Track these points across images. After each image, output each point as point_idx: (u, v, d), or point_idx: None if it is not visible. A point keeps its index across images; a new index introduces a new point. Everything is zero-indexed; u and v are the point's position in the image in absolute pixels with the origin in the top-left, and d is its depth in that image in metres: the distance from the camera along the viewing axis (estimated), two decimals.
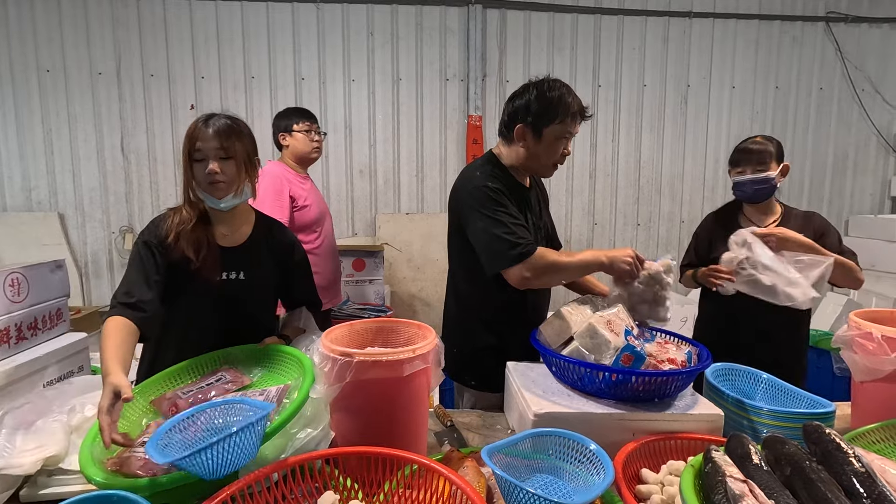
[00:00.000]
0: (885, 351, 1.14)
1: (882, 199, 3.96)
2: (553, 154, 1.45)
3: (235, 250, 1.34)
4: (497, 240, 1.36)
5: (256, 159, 1.33)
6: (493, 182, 1.42)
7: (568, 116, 1.40)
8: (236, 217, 1.34)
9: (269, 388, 1.09)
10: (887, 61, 3.81)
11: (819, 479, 0.69)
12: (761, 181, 1.74)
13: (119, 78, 3.32)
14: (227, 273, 1.31)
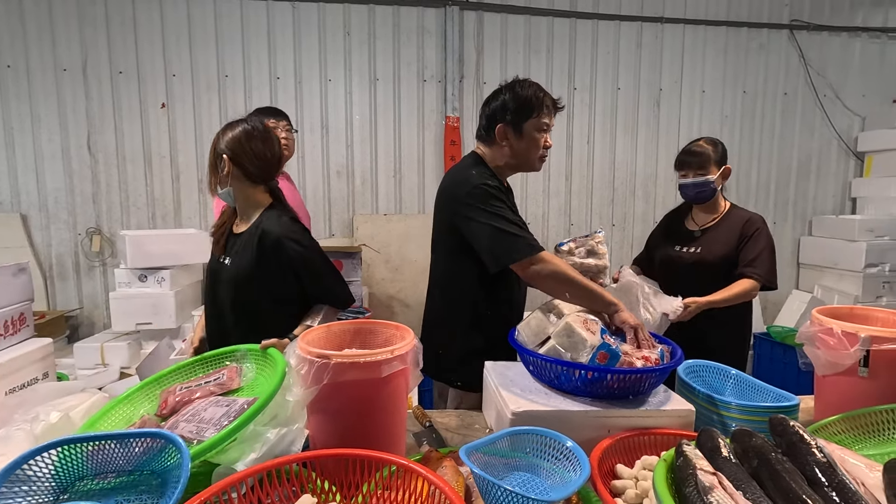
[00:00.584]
0: (844, 346, 1.19)
1: (843, 200, 4.13)
2: (536, 147, 1.52)
3: (235, 237, 1.49)
4: (505, 234, 1.40)
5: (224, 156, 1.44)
6: (491, 181, 1.47)
7: (543, 109, 1.48)
8: (244, 208, 1.50)
9: (240, 398, 1.07)
10: (847, 68, 3.97)
11: (784, 469, 0.72)
12: (701, 185, 1.87)
13: (85, 75, 3.21)
14: (224, 257, 1.48)
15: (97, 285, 3.40)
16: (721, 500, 0.66)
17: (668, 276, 1.97)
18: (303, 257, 1.44)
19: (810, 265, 4.01)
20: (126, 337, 2.93)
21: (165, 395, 1.15)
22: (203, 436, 0.92)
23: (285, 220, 1.46)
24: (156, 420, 1.08)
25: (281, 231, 1.42)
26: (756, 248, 1.83)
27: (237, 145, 1.43)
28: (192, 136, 3.36)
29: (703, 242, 1.93)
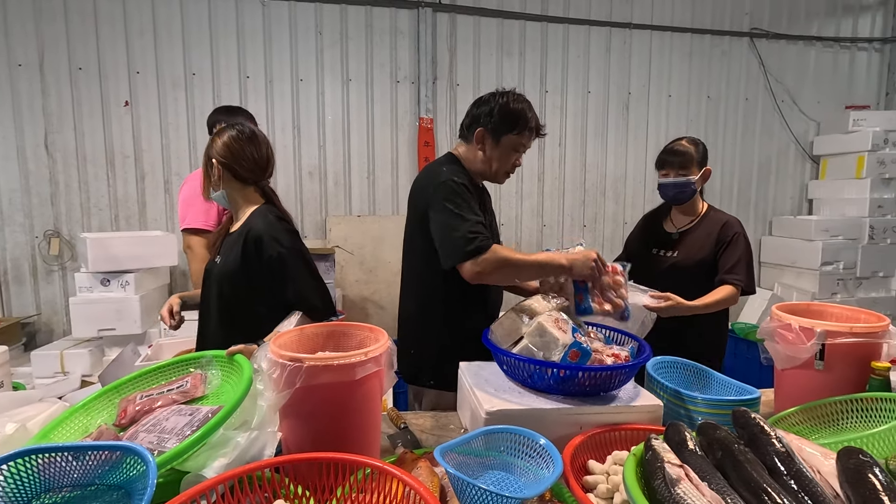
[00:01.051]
0: (802, 340, 1.25)
1: (800, 201, 4.32)
2: (506, 162, 1.55)
3: (228, 237, 1.53)
4: (454, 234, 1.41)
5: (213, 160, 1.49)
6: (458, 178, 1.48)
7: (526, 130, 1.52)
8: (237, 209, 1.54)
9: (204, 406, 1.04)
10: (803, 75, 4.16)
11: (746, 460, 0.75)
12: (682, 185, 1.85)
13: (42, 70, 3.08)
14: (217, 257, 1.52)
15: (56, 290, 3.25)
16: (687, 492, 0.69)
17: (647, 280, 1.95)
18: (281, 257, 1.41)
19: (771, 264, 4.18)
20: (87, 344, 2.82)
21: (124, 403, 1.10)
22: (164, 447, 0.89)
23: (271, 219, 1.46)
24: (114, 431, 1.04)
25: (264, 229, 1.42)
26: (735, 254, 1.82)
27: (226, 149, 1.48)
28: (158, 135, 3.26)
29: (680, 246, 1.91)
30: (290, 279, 1.44)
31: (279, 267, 1.42)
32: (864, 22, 4.23)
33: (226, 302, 1.46)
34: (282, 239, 1.43)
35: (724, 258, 1.83)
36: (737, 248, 1.83)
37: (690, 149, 1.84)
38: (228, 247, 1.49)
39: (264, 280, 1.43)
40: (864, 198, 3.85)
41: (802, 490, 0.71)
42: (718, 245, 1.85)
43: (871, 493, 0.66)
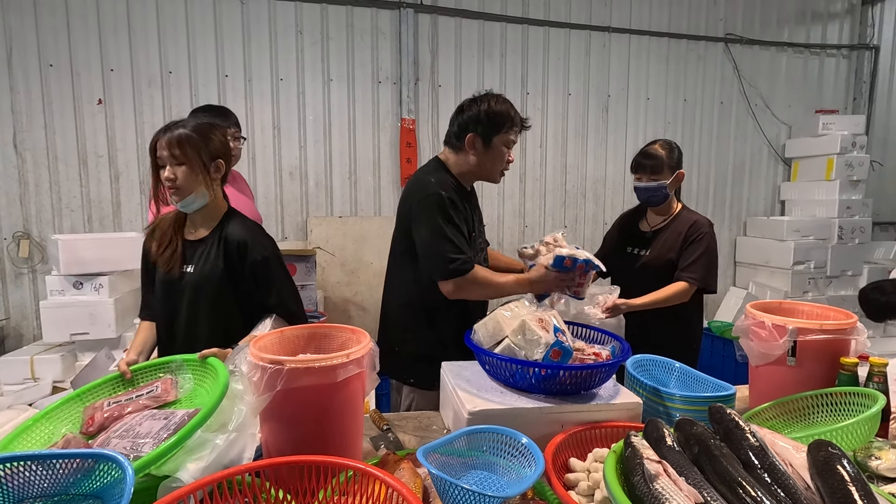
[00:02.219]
0: (774, 337, 1.28)
1: (773, 202, 4.44)
2: (500, 161, 1.60)
3: (194, 244, 1.44)
4: (438, 251, 1.49)
5: (218, 163, 1.43)
6: (446, 191, 1.52)
7: (513, 126, 1.58)
8: (205, 214, 1.45)
9: (179, 410, 1.02)
10: (775, 80, 4.28)
11: (721, 454, 0.77)
12: (654, 189, 1.90)
13: (10, 67, 2.97)
14: (186, 266, 1.43)
15: (25, 293, 3.15)
16: (665, 487, 0.70)
17: (620, 277, 2.02)
18: (270, 263, 1.44)
19: (745, 263, 4.29)
20: (59, 349, 2.73)
21: (90, 411, 1.07)
22: (140, 451, 0.87)
23: (251, 224, 1.48)
24: (81, 439, 1.01)
25: (247, 234, 1.43)
26: (695, 251, 1.87)
27: (225, 148, 1.45)
28: (133, 134, 3.18)
29: (652, 245, 1.97)
30: (273, 284, 1.45)
31: (264, 271, 1.43)
32: (832, 29, 4.37)
33: (202, 310, 1.42)
34: (265, 244, 1.46)
35: (684, 255, 1.89)
36: (699, 246, 1.88)
37: (662, 154, 1.88)
38: (203, 254, 1.42)
39: (248, 285, 1.43)
40: (833, 199, 3.98)
41: (775, 483, 0.73)
42: (684, 243, 1.90)
43: (839, 483, 0.69)
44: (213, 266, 1.40)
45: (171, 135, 1.37)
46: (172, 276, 1.42)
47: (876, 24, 4.37)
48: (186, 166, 1.36)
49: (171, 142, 1.36)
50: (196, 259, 1.42)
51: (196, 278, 1.41)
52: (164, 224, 1.47)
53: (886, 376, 1.17)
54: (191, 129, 1.39)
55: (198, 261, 1.42)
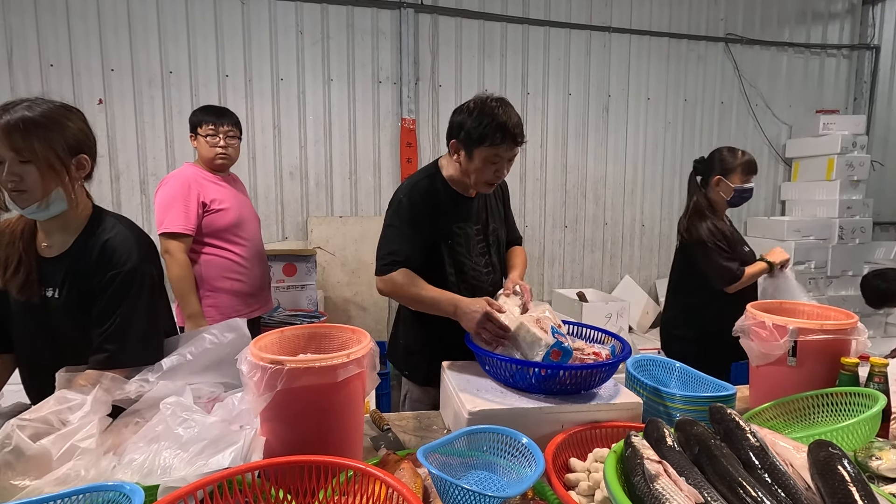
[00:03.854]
0: (775, 337, 1.28)
1: (773, 202, 4.44)
2: (483, 174, 1.45)
3: (53, 262, 1.14)
4: (379, 249, 1.50)
5: (81, 158, 1.12)
6: (412, 195, 1.48)
7: (499, 141, 1.39)
8: (63, 222, 1.14)
9: None
10: (775, 80, 4.28)
11: (721, 454, 0.77)
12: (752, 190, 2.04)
13: (10, 66, 2.98)
14: (45, 289, 1.13)
15: None
16: (666, 487, 0.70)
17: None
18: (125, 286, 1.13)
19: None
20: None
21: None
22: None
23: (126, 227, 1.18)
24: None
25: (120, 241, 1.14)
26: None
27: (86, 136, 1.13)
28: (134, 134, 3.19)
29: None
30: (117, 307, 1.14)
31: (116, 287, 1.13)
32: (833, 29, 4.37)
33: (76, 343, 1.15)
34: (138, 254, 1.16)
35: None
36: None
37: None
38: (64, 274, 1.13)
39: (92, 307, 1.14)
40: (833, 199, 3.98)
41: (776, 483, 0.73)
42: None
43: (839, 483, 0.69)
44: (79, 289, 1.12)
45: (9, 119, 1.02)
46: (32, 301, 1.13)
47: (876, 24, 4.37)
48: (34, 164, 1.04)
49: (9, 129, 1.02)
50: (59, 280, 1.13)
51: (62, 305, 1.12)
52: (8, 239, 1.14)
53: (887, 376, 1.17)
54: (38, 113, 1.05)
55: (61, 283, 1.13)
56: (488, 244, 1.61)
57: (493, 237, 1.63)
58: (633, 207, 4.13)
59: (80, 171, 1.13)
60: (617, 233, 4.12)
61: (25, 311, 1.15)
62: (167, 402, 0.99)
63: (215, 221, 2.07)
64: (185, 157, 3.17)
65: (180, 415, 0.96)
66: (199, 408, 1.01)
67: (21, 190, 1.05)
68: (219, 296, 2.08)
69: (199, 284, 2.06)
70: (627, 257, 4.18)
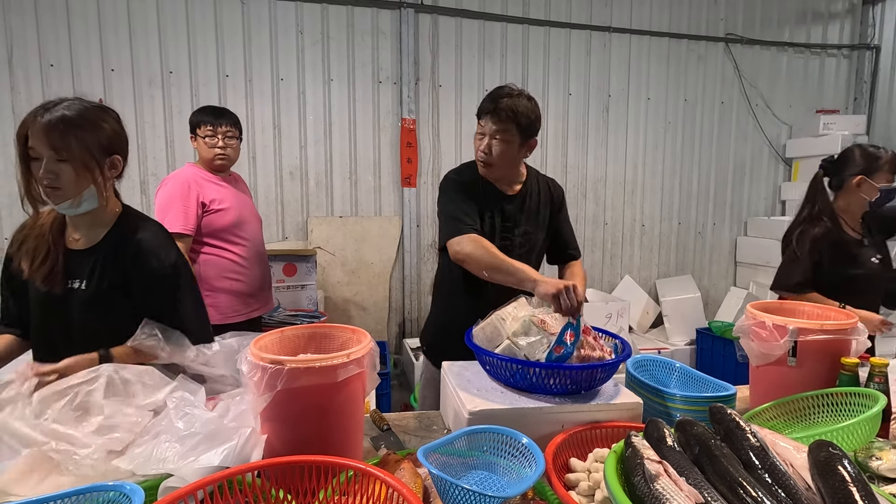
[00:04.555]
0: (775, 337, 1.28)
1: (774, 202, 4.44)
2: (475, 146, 1.61)
3: (81, 255, 1.20)
4: (446, 217, 1.57)
5: (115, 158, 1.18)
6: (457, 175, 1.65)
7: (482, 112, 1.56)
8: (93, 218, 1.21)
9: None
10: (775, 80, 4.28)
11: (722, 455, 0.77)
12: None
13: (11, 67, 2.98)
14: (71, 281, 1.19)
15: None
16: (666, 487, 0.70)
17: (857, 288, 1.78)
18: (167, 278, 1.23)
19: (746, 263, 4.29)
20: None
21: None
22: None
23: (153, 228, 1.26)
24: None
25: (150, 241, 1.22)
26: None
27: (119, 137, 1.20)
28: (134, 134, 3.18)
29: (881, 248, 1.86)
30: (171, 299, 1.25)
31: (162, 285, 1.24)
32: (833, 29, 4.37)
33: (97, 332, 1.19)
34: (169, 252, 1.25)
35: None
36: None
37: None
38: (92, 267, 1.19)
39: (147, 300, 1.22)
40: None
41: (776, 483, 0.73)
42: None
43: (840, 484, 0.69)
44: (110, 281, 1.18)
45: (50, 119, 1.07)
46: (54, 293, 1.18)
47: (877, 24, 4.37)
48: (69, 163, 1.10)
49: (49, 128, 1.07)
50: (86, 272, 1.18)
51: (88, 296, 1.18)
52: (38, 232, 1.20)
53: (887, 376, 1.17)
54: (76, 114, 1.11)
55: (89, 275, 1.18)
56: (514, 244, 1.62)
57: (521, 238, 1.64)
58: (634, 207, 4.13)
59: (113, 171, 1.19)
60: (617, 233, 4.13)
61: (46, 302, 1.19)
62: (174, 397, 0.99)
63: (214, 221, 2.07)
64: (186, 158, 3.17)
65: (183, 409, 0.96)
66: (202, 405, 1.02)
67: (56, 187, 1.10)
68: (218, 296, 2.08)
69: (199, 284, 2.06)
70: (627, 257, 4.18)
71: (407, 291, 3.69)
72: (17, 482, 0.87)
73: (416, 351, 3.30)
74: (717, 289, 4.36)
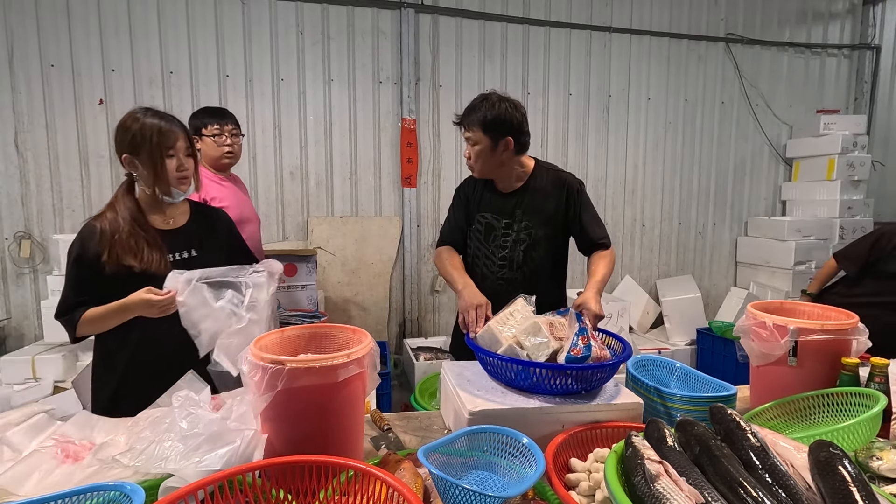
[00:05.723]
0: (775, 337, 1.28)
1: (774, 202, 4.43)
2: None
3: (181, 231, 1.47)
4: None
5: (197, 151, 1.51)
6: (460, 186, 1.83)
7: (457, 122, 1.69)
8: (177, 204, 1.48)
9: None
10: (776, 80, 4.28)
11: (722, 455, 0.77)
12: None
13: (12, 67, 2.98)
14: (178, 253, 1.43)
15: (27, 293, 3.16)
16: (666, 487, 0.70)
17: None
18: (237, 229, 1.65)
19: (746, 263, 4.28)
20: (60, 349, 2.74)
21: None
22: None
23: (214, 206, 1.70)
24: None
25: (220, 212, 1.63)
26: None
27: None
28: None
29: None
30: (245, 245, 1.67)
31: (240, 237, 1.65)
32: (833, 29, 4.36)
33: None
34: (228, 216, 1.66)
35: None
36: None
37: None
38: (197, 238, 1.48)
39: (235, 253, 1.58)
40: (834, 199, 3.98)
41: (776, 483, 0.73)
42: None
43: (840, 484, 0.69)
44: (218, 247, 1.52)
45: (185, 128, 1.45)
46: (159, 270, 1.34)
47: (877, 24, 4.36)
48: (193, 158, 1.45)
49: (187, 135, 1.44)
50: (195, 242, 1.47)
51: (202, 258, 1.44)
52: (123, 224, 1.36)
53: (888, 376, 1.17)
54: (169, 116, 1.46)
55: (198, 243, 1.47)
56: (513, 240, 1.70)
57: (522, 234, 1.71)
58: (634, 208, 4.13)
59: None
60: (617, 233, 4.12)
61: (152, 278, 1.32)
62: (179, 395, 0.99)
63: None
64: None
65: (187, 408, 0.96)
66: (207, 405, 1.02)
67: (186, 178, 1.41)
68: None
69: None
70: (628, 257, 4.18)
71: (407, 291, 3.69)
72: (17, 482, 0.87)
73: (417, 351, 3.30)
74: (717, 289, 4.36)
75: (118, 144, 1.38)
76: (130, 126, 1.36)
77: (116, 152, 1.40)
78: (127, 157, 1.37)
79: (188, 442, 0.88)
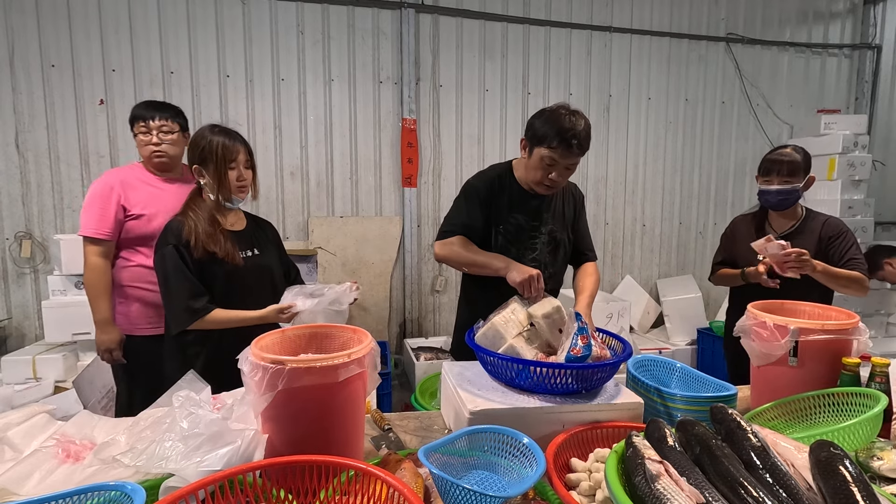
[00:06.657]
0: (776, 337, 1.28)
1: None
2: (535, 174, 1.58)
3: (243, 233, 1.66)
4: (443, 223, 1.70)
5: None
6: (477, 179, 1.71)
7: (554, 144, 1.52)
8: (235, 210, 1.68)
9: None
10: (776, 80, 4.28)
11: (723, 455, 0.77)
12: (787, 192, 1.87)
13: (12, 67, 2.98)
14: (244, 252, 1.62)
15: (27, 293, 3.16)
16: (667, 487, 0.70)
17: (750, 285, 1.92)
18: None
19: None
20: (61, 349, 2.74)
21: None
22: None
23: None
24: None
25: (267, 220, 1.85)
26: (847, 244, 1.85)
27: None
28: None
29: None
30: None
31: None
32: (834, 28, 4.36)
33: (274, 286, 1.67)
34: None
35: (835, 253, 1.85)
36: (848, 238, 1.87)
37: (797, 157, 1.87)
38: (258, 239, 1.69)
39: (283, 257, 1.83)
40: (835, 199, 3.97)
41: (777, 483, 0.73)
42: (827, 243, 1.87)
43: (841, 484, 0.69)
44: (274, 247, 1.76)
45: (246, 144, 1.61)
46: (237, 265, 1.57)
47: (878, 24, 4.36)
48: (252, 170, 1.62)
49: (247, 149, 1.61)
50: (257, 242, 1.68)
51: (262, 257, 1.67)
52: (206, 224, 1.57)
53: (888, 376, 1.17)
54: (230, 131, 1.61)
55: (259, 243, 1.68)
56: (542, 242, 1.70)
57: (548, 237, 1.72)
58: (634, 207, 4.13)
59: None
60: (618, 233, 4.12)
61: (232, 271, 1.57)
62: (179, 395, 0.99)
63: (134, 229, 1.86)
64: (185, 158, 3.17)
65: (188, 408, 0.96)
66: (208, 405, 1.02)
67: (244, 186, 1.60)
68: (130, 304, 1.90)
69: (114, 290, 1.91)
70: (628, 257, 4.18)
71: (408, 291, 3.69)
72: (18, 482, 0.87)
73: (417, 351, 3.30)
74: (717, 289, 4.35)
75: (190, 157, 1.61)
76: (199, 142, 1.56)
77: (188, 163, 1.65)
78: (197, 168, 1.58)
79: (189, 442, 0.88)
